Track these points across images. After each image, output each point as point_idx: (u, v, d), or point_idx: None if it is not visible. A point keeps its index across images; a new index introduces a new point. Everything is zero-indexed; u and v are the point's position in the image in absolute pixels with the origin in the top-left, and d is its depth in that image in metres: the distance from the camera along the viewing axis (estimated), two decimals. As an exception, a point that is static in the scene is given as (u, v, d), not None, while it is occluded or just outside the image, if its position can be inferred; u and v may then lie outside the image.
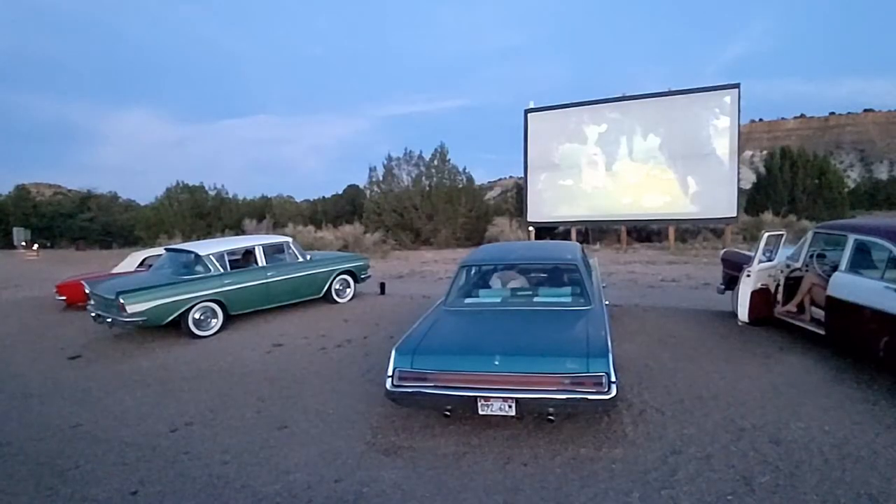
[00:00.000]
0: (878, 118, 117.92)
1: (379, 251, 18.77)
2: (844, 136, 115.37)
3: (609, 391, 3.51)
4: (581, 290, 4.86)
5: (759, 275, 5.96)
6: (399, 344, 4.14)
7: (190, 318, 7.10)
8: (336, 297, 9.17)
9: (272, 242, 8.61)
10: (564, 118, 19.53)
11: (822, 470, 3.27)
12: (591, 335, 3.95)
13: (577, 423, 4.01)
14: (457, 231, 22.20)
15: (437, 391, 3.77)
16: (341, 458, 3.71)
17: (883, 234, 4.76)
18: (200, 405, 4.81)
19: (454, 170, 23.49)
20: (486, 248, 6.73)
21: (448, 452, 3.71)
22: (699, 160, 17.53)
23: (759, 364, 5.22)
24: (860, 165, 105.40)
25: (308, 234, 19.86)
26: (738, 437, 3.74)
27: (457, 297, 5.12)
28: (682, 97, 17.94)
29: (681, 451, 3.57)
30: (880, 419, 3.93)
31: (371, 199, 23.78)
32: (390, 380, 3.91)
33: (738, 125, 17.25)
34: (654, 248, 18.94)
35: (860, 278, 4.82)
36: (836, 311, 5.01)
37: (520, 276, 5.65)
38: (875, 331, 4.43)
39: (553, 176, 19.67)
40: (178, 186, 27.90)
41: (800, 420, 3.95)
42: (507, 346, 3.89)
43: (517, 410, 3.66)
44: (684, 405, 4.31)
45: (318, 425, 4.28)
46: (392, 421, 4.25)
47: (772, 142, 71.54)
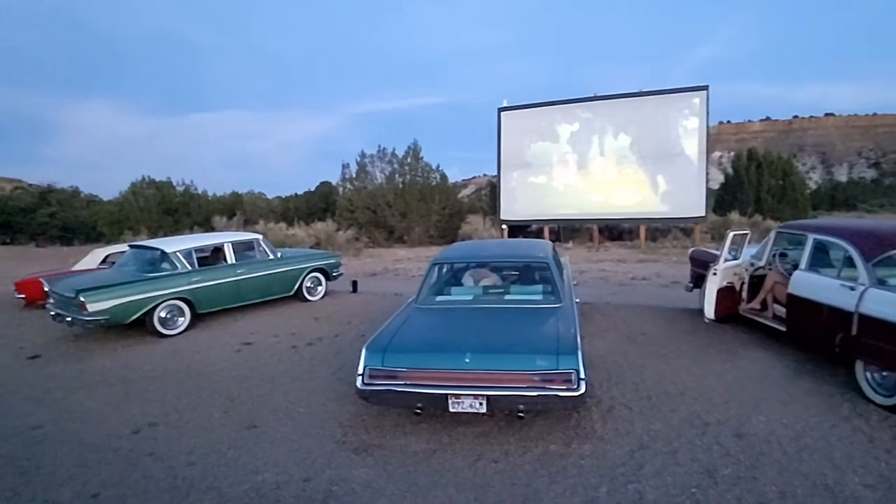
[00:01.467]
0: (839, 122, 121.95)
1: (352, 249, 18.63)
2: (807, 138, 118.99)
3: (578, 388, 3.55)
4: (552, 289, 4.90)
5: (724, 273, 6.10)
6: (369, 342, 4.12)
7: (155, 316, 6.92)
8: (307, 295, 9.06)
9: (242, 239, 8.46)
10: (537, 117, 19.66)
11: (781, 462, 3.37)
12: (561, 333, 3.99)
13: (548, 419, 4.05)
14: (430, 229, 22.17)
15: (408, 389, 3.76)
16: (311, 457, 3.67)
17: (839, 234, 4.92)
18: (165, 405, 4.70)
19: (428, 167, 23.48)
20: (458, 245, 6.74)
21: (419, 450, 3.71)
22: (669, 160, 17.86)
23: (724, 360, 5.36)
24: (821, 167, 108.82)
25: (280, 232, 19.58)
26: (703, 431, 3.83)
27: (428, 294, 5.12)
28: (652, 98, 18.24)
29: (648, 446, 3.64)
30: (836, 411, 4.07)
31: (344, 197, 23.55)
32: (361, 378, 3.89)
33: (706, 126, 17.62)
34: (625, 246, 19.23)
35: (818, 276, 4.98)
36: (796, 309, 5.17)
37: (491, 274, 5.67)
38: (831, 327, 4.58)
39: (526, 174, 19.80)
40: (143, 181, 27.10)
41: (761, 414, 4.07)
42: (478, 344, 3.90)
43: (488, 408, 3.68)
44: (652, 401, 4.39)
45: (287, 424, 4.23)
46: (363, 419, 4.23)
47: (739, 143, 73.36)
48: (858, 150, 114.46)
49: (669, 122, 17.91)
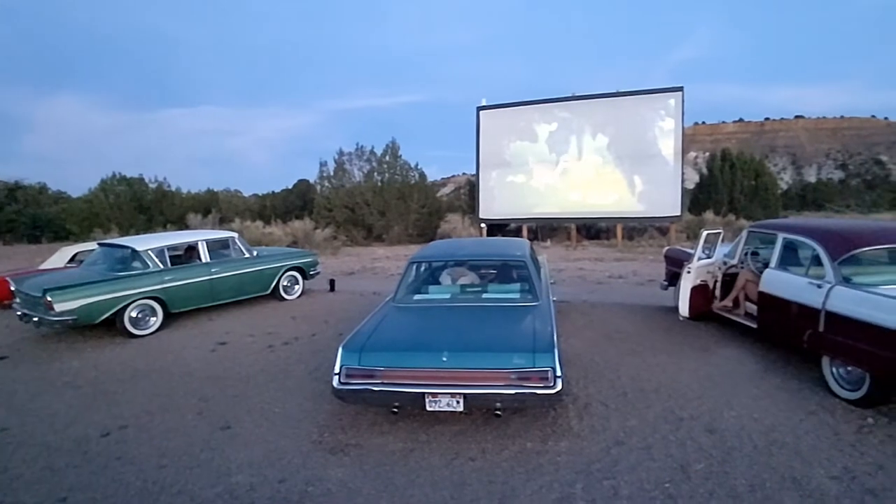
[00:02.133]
0: (808, 124, 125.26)
1: (330, 247, 18.48)
2: (778, 140, 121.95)
3: (555, 385, 3.57)
4: (529, 287, 4.93)
5: (698, 271, 6.21)
6: (346, 341, 4.09)
7: (126, 316, 6.76)
8: (284, 294, 8.96)
9: (216, 238, 8.32)
10: (516, 116, 19.75)
11: (752, 456, 3.44)
12: (538, 331, 4.01)
13: (525, 417, 4.07)
14: (409, 227, 22.10)
15: (385, 388, 3.74)
16: (286, 458, 3.63)
17: (808, 233, 5.04)
18: (136, 407, 4.60)
19: (406, 166, 23.41)
20: (436, 244, 6.74)
21: (396, 449, 3.70)
22: (645, 160, 18.10)
23: (697, 357, 5.45)
24: (792, 168, 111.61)
25: (256, 230, 19.32)
26: (677, 427, 3.89)
27: (405, 293, 5.10)
28: (629, 98, 18.46)
29: (623, 443, 3.68)
30: (804, 406, 4.17)
31: (321, 195, 23.32)
32: (337, 377, 3.86)
33: (681, 127, 17.89)
34: (602, 245, 19.46)
35: (788, 274, 5.09)
36: (767, 306, 5.28)
37: (469, 273, 5.67)
38: (800, 324, 4.69)
39: (504, 173, 19.87)
40: (114, 178, 26.37)
41: (733, 409, 4.15)
42: (455, 343, 3.90)
43: (465, 406, 3.68)
44: (628, 398, 4.45)
45: (262, 425, 4.17)
46: (339, 419, 4.20)
47: (714, 144, 74.86)
48: (826, 151, 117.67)
49: (646, 123, 18.14)
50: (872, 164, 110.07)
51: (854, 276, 4.49)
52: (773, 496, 3.00)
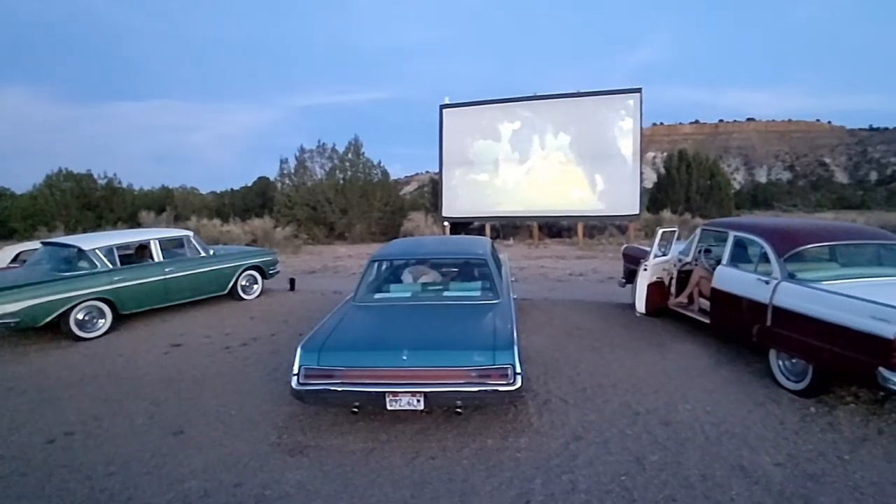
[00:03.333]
0: (759, 127, 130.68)
1: (290, 246, 18.14)
2: (731, 141, 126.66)
3: (515, 382, 3.60)
4: (490, 285, 4.95)
5: (654, 269, 6.37)
6: (305, 341, 4.02)
7: (72, 318, 6.46)
8: (242, 293, 8.75)
9: (170, 236, 8.06)
10: (479, 115, 19.84)
11: (704, 447, 3.56)
12: (498, 328, 4.04)
13: (485, 414, 4.09)
14: (372, 225, 21.89)
15: (345, 388, 3.70)
16: (243, 462, 3.54)
17: (756, 231, 5.25)
18: (83, 413, 4.40)
19: (369, 163, 23.15)
20: (397, 242, 6.71)
21: (356, 449, 3.67)
22: (605, 160, 18.46)
23: (654, 352, 5.59)
24: (744, 169, 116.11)
25: (213, 228, 18.77)
26: (634, 421, 3.98)
27: (366, 292, 5.05)
28: (589, 99, 18.80)
29: (582, 437, 3.74)
30: (753, 398, 4.34)
31: (282, 193, 22.80)
32: (296, 378, 3.79)
33: (640, 127, 18.33)
34: (564, 243, 19.75)
35: (738, 271, 5.28)
36: (719, 302, 5.46)
37: (430, 271, 5.66)
38: (749, 318, 4.87)
39: (468, 172, 19.94)
40: (60, 174, 25.10)
41: (687, 402, 4.27)
42: (416, 341, 3.88)
43: (426, 404, 3.67)
44: (586, 393, 4.52)
45: (217, 428, 4.06)
46: (299, 420, 4.13)
47: (671, 144, 77.05)
48: (776, 153, 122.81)
49: (606, 123, 18.51)
50: (817, 166, 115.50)
51: (798, 272, 4.69)
52: (722, 484, 3.11)
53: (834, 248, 5.16)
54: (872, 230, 5.84)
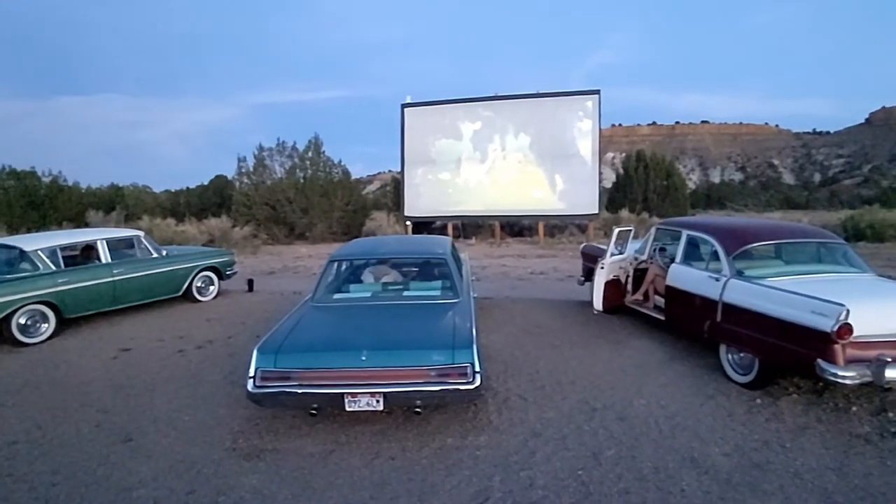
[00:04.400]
0: (713, 129, 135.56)
1: (249, 246, 17.72)
2: (687, 143, 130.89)
3: (474, 381, 3.61)
4: (450, 284, 4.96)
5: (611, 267, 6.51)
6: (261, 343, 3.94)
7: (14, 323, 6.14)
8: (198, 295, 8.50)
9: (119, 236, 7.75)
10: (440, 114, 19.86)
11: (657, 440, 3.66)
12: (458, 327, 4.05)
13: (445, 413, 4.10)
14: (333, 225, 21.58)
15: (303, 390, 3.64)
16: (196, 468, 3.45)
17: (707, 230, 5.44)
18: (26, 421, 4.19)
19: (330, 162, 22.80)
20: (356, 242, 6.65)
21: (315, 452, 3.62)
22: (565, 160, 18.76)
23: (611, 349, 5.72)
24: (699, 170, 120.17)
25: (167, 228, 18.12)
26: (591, 417, 4.06)
27: (325, 292, 4.99)
28: (549, 99, 19.06)
29: (540, 434, 3.79)
30: (704, 391, 4.49)
31: (240, 192, 22.17)
32: (252, 381, 3.71)
33: (598, 128, 18.69)
34: (525, 242, 19.97)
35: (690, 269, 5.46)
36: (673, 299, 5.63)
37: (390, 271, 5.64)
38: (701, 315, 5.04)
39: (429, 171, 19.94)
40: (2, 171, 23.73)
41: (642, 398, 4.39)
42: (375, 341, 3.86)
43: (385, 405, 3.65)
44: (545, 391, 4.59)
45: (169, 435, 3.94)
46: (256, 424, 4.04)
47: (630, 145, 78.89)
48: (728, 155, 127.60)
49: (565, 124, 18.80)
50: (766, 168, 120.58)
51: (746, 269, 4.89)
52: (674, 475, 3.20)
53: (779, 246, 5.39)
54: (814, 229, 6.14)
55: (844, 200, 51.15)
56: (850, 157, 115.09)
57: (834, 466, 3.28)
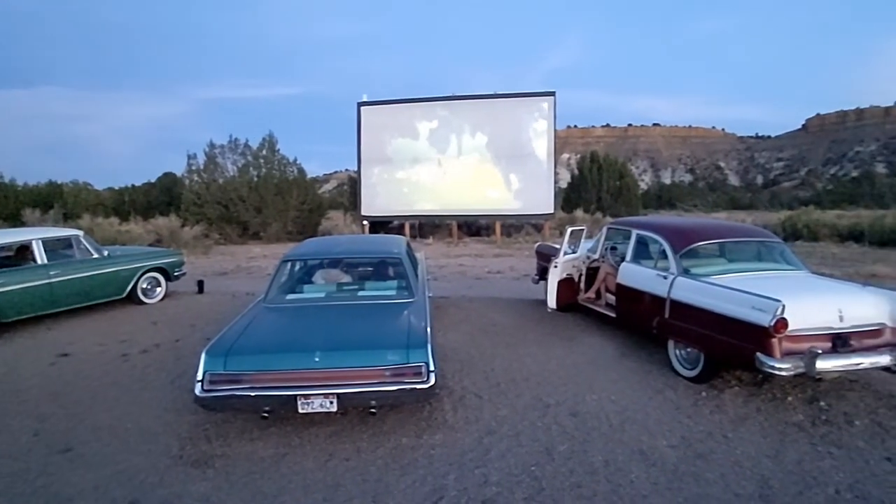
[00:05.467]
0: (664, 132, 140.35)
1: (200, 246, 17.15)
2: (639, 145, 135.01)
3: (429, 380, 3.61)
4: (405, 284, 4.94)
5: (564, 266, 6.63)
6: (210, 345, 3.83)
7: (-60, 328, 5.76)
8: (143, 297, 8.16)
9: (56, 236, 7.37)
10: (397, 113, 19.80)
11: (608, 434, 3.75)
12: (413, 327, 4.04)
13: (401, 413, 4.08)
14: (288, 225, 21.14)
15: (254, 392, 3.55)
16: (140, 477, 3.31)
17: (656, 229, 5.61)
18: (-45, 433, 3.93)
19: (285, 160, 22.35)
20: (310, 242, 6.55)
21: (266, 456, 3.54)
22: (521, 160, 19.02)
23: (564, 346, 5.82)
24: (651, 171, 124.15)
25: (111, 228, 17.28)
26: (544, 413, 4.12)
27: (277, 293, 4.89)
28: (506, 100, 19.32)
29: (495, 432, 3.82)
30: (653, 386, 4.63)
31: (190, 190, 21.42)
32: (200, 384, 3.59)
33: (554, 129, 19.05)
34: (482, 241, 20.12)
35: (640, 267, 5.62)
36: (623, 296, 5.78)
37: (344, 271, 5.57)
38: (650, 311, 5.20)
39: (386, 170, 19.85)
40: (-71, 168, 22.37)
41: (594, 393, 4.48)
42: (328, 342, 3.80)
43: (339, 406, 3.61)
44: (500, 388, 4.62)
45: (111, 443, 3.77)
46: (204, 429, 3.92)
47: (585, 146, 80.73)
48: (679, 157, 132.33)
49: (521, 124, 19.07)
50: (714, 170, 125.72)
51: (692, 267, 5.07)
52: (623, 468, 3.29)
53: (723, 245, 5.62)
54: (755, 229, 6.43)
55: (784, 202, 53.86)
56: (788, 161, 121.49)
57: (770, 453, 3.45)
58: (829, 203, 42.23)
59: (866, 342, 4.08)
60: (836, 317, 4.07)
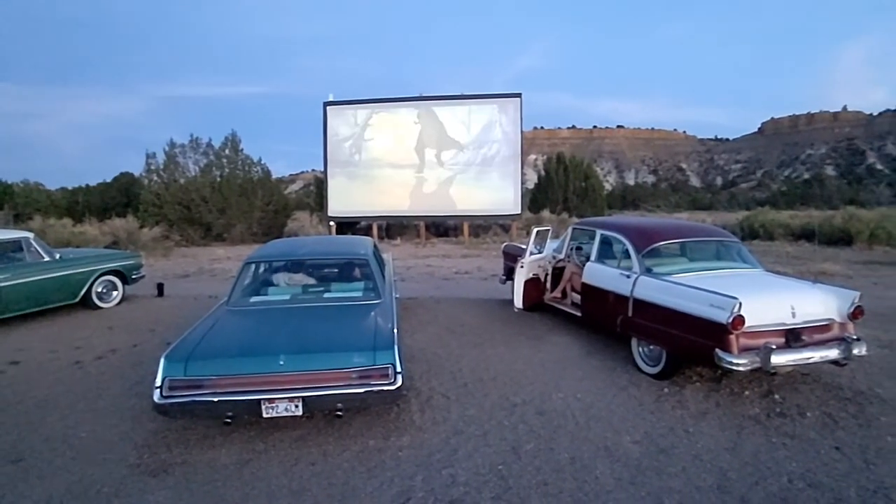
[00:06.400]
0: (628, 134, 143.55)
1: (160, 248, 16.64)
2: (604, 146, 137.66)
3: (396, 382, 3.58)
4: (372, 285, 4.90)
5: (530, 266, 6.70)
6: (169, 350, 3.71)
7: None
8: (98, 301, 7.86)
9: (5, 239, 7.02)
10: (364, 113, 19.68)
11: (574, 432, 3.80)
12: (379, 328, 4.01)
13: (368, 415, 4.05)
14: (253, 226, 20.74)
15: (216, 398, 3.46)
16: (95, 488, 3.19)
17: (619, 229, 5.72)
18: None
19: (249, 160, 21.91)
20: (274, 243, 6.41)
21: (229, 462, 3.45)
22: (488, 161, 19.16)
23: (531, 345, 5.87)
24: (615, 172, 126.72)
25: (64, 229, 16.58)
26: (511, 412, 4.14)
27: (241, 295, 4.78)
28: (473, 101, 19.44)
29: (462, 432, 3.82)
30: (617, 383, 4.72)
31: (149, 190, 20.77)
32: (158, 391, 3.48)
33: (520, 130, 19.24)
34: (450, 242, 20.16)
35: (604, 267, 5.72)
36: (588, 295, 5.87)
37: (309, 272, 5.49)
38: (614, 310, 5.29)
39: (354, 171, 19.70)
40: None
41: (560, 391, 4.53)
42: (293, 345, 3.74)
43: (305, 409, 3.56)
44: (467, 388, 4.63)
45: (65, 453, 3.62)
46: (164, 437, 3.80)
47: (551, 148, 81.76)
48: (642, 158, 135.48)
49: (489, 125, 19.21)
50: (676, 171, 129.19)
51: (655, 266, 5.18)
52: (588, 465, 3.34)
53: (683, 244, 5.76)
54: (714, 229, 6.61)
55: (742, 202, 55.79)
56: (746, 163, 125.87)
57: (728, 446, 3.55)
58: (783, 204, 43.96)
59: (816, 337, 4.25)
60: (788, 313, 4.22)
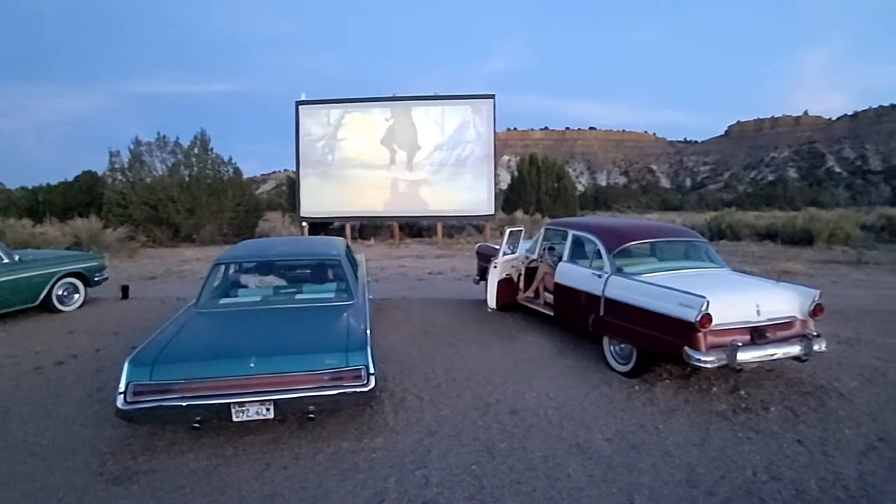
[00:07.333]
0: (599, 135, 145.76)
1: (125, 249, 16.16)
2: (577, 148, 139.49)
3: (368, 383, 3.55)
4: (345, 286, 4.86)
5: (503, 266, 6.73)
6: (134, 354, 3.61)
7: None
8: (59, 304, 7.59)
9: (-40, 239, 6.75)
10: (337, 113, 19.50)
11: (547, 430, 3.83)
12: (352, 329, 3.97)
13: (341, 417, 4.01)
14: (224, 226, 20.29)
15: (184, 402, 3.37)
16: (57, 496, 3.09)
17: (591, 230, 5.79)
18: None
19: (219, 159, 21.41)
20: (245, 244, 6.30)
21: (197, 468, 3.37)
22: (462, 161, 19.20)
23: (504, 345, 5.89)
24: (588, 173, 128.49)
25: (23, 229, 15.94)
26: (485, 412, 4.15)
27: (210, 297, 4.68)
28: (446, 102, 19.45)
29: (436, 432, 3.82)
30: (589, 381, 4.77)
31: (114, 189, 20.11)
32: (122, 396, 3.37)
33: (493, 131, 19.32)
34: (424, 242, 20.13)
35: (576, 266, 5.78)
36: (561, 295, 5.93)
37: (281, 273, 5.41)
38: (586, 310, 5.35)
39: (326, 170, 19.50)
40: None
41: (533, 391, 4.56)
42: (264, 347, 3.67)
43: (276, 412, 3.50)
44: (441, 389, 4.63)
45: (25, 461, 3.49)
46: (128, 443, 3.69)
47: (524, 149, 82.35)
48: (613, 160, 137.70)
49: (462, 126, 19.25)
50: (646, 173, 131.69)
51: (625, 266, 5.26)
52: (561, 463, 3.37)
53: (653, 244, 5.87)
54: (682, 229, 6.75)
55: (710, 203, 57.25)
56: (714, 165, 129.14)
57: (697, 442, 3.63)
58: (749, 205, 45.29)
59: (780, 334, 4.38)
60: (754, 311, 4.34)
